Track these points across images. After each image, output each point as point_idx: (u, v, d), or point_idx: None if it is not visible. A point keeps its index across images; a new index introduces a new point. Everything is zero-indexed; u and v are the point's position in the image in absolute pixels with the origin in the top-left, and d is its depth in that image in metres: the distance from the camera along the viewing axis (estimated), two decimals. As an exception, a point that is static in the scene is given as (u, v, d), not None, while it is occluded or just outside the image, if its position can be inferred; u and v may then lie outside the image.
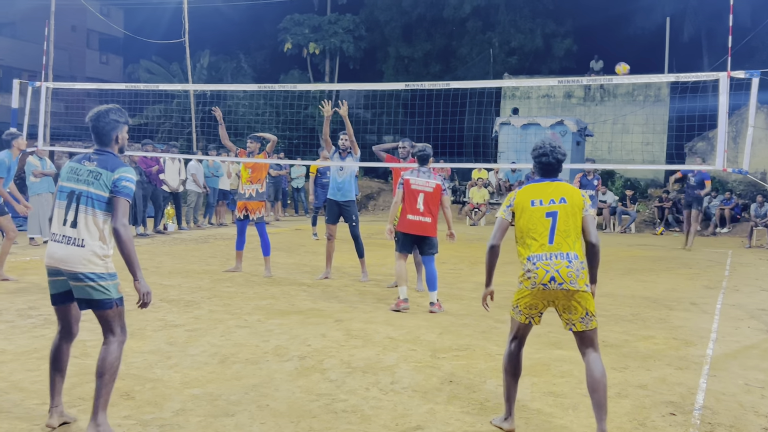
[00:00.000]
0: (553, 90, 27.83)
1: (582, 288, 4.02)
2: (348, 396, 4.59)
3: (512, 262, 11.76)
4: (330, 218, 9.53)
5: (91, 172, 3.86)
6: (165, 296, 7.75)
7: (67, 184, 3.88)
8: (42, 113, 10.60)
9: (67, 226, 3.83)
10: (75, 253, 3.79)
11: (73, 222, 3.82)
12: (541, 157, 4.32)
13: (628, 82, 24.54)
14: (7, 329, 5.99)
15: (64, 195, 3.87)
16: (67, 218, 3.83)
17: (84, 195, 3.83)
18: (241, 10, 33.87)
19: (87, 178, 3.86)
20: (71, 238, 3.81)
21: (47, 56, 16.68)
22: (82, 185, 3.85)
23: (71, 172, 3.90)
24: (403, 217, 7.57)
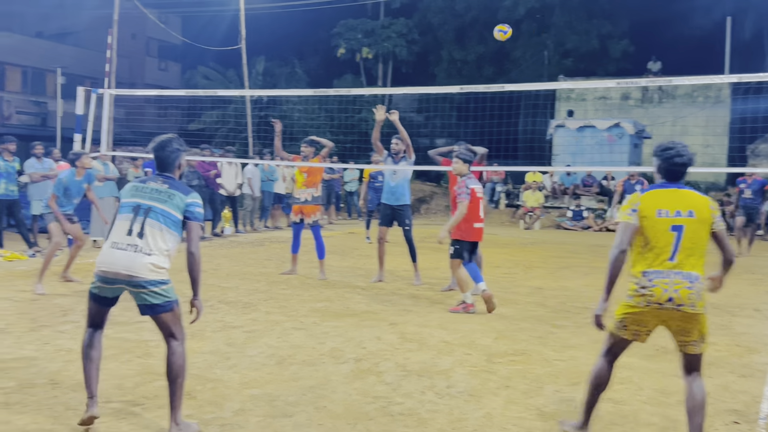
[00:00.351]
0: (609, 92, 27.39)
1: (701, 311, 3.77)
2: (404, 399, 4.61)
3: (567, 266, 11.62)
4: (383, 221, 9.58)
5: (163, 192, 4.04)
6: (223, 298, 7.89)
7: (132, 199, 4.03)
8: (105, 119, 10.90)
9: (133, 236, 3.94)
10: (140, 261, 3.91)
11: (140, 233, 3.94)
12: (674, 158, 3.90)
13: (688, 84, 23.94)
14: (73, 329, 6.18)
15: (129, 209, 4.01)
16: (132, 229, 3.95)
17: (153, 210, 3.98)
18: (296, 16, 34.24)
19: (158, 196, 4.02)
20: (137, 246, 3.93)
21: (110, 64, 17.15)
22: (150, 201, 4.00)
23: (135, 190, 4.07)
24: (469, 226, 7.61)
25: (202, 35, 31.20)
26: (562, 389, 4.90)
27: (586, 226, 20.18)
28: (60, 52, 33.86)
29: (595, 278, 10.40)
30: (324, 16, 34.38)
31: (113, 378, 4.81)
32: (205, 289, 8.40)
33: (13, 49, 32.49)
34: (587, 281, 10.08)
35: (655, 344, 6.23)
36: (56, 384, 4.65)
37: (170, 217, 4.00)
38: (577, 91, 27.90)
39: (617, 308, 4.00)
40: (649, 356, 5.84)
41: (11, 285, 8.37)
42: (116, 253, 3.93)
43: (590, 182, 21.80)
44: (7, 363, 5.08)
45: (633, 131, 22.43)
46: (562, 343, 6.22)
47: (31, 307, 7.07)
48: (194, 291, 4.10)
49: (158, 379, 4.80)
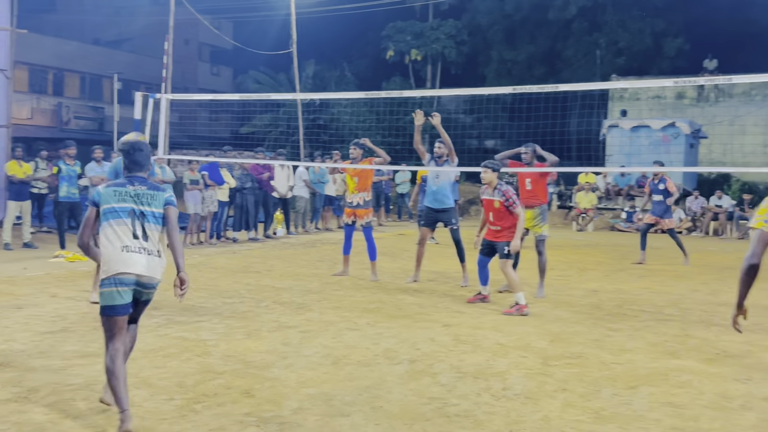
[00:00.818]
0: (663, 91, 26.86)
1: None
2: (460, 400, 4.61)
3: (623, 269, 11.46)
4: (425, 223, 9.64)
5: (147, 194, 4.25)
6: (278, 299, 8.00)
7: (123, 204, 4.17)
8: (162, 124, 11.14)
9: (140, 240, 4.13)
10: (156, 263, 4.15)
11: (144, 236, 4.15)
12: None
13: (746, 82, 23.35)
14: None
15: (125, 213, 4.15)
16: (136, 232, 4.13)
17: (148, 214, 4.20)
18: (345, 20, 34.45)
19: (144, 199, 4.23)
20: (149, 249, 4.15)
21: (167, 69, 17.52)
22: (141, 206, 4.21)
23: (121, 195, 4.20)
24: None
25: (253, 40, 31.63)
26: (620, 393, 4.83)
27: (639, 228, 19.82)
28: (116, 59, 34.71)
29: (651, 281, 10.23)
30: (373, 18, 34.49)
31: (175, 376, 4.91)
32: (259, 289, 8.55)
33: (71, 56, 33.42)
34: (643, 284, 9.92)
35: (716, 348, 6.12)
36: (120, 381, 4.77)
37: (160, 216, 4.27)
38: (630, 90, 27.44)
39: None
40: (710, 360, 5.73)
41: (74, 285, 8.61)
42: (135, 256, 4.08)
43: (645, 183, 21.41)
44: (72, 361, 5.23)
45: (689, 131, 21.96)
46: (618, 346, 6.13)
47: (94, 307, 7.26)
48: (180, 265, 4.24)
49: (218, 378, 4.90)
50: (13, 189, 12.36)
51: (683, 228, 19.41)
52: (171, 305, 7.43)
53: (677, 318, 7.50)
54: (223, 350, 5.64)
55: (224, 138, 28.01)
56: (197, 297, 7.96)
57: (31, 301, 7.45)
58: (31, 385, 4.64)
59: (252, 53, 27.48)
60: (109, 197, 4.19)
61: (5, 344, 5.66)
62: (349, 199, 9.92)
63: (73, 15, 37.95)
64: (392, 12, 33.45)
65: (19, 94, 27.84)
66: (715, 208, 19.13)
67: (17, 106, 27.40)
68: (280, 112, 28.85)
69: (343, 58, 37.16)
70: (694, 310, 7.97)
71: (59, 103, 32.29)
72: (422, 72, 34.94)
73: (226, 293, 8.27)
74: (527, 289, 8.92)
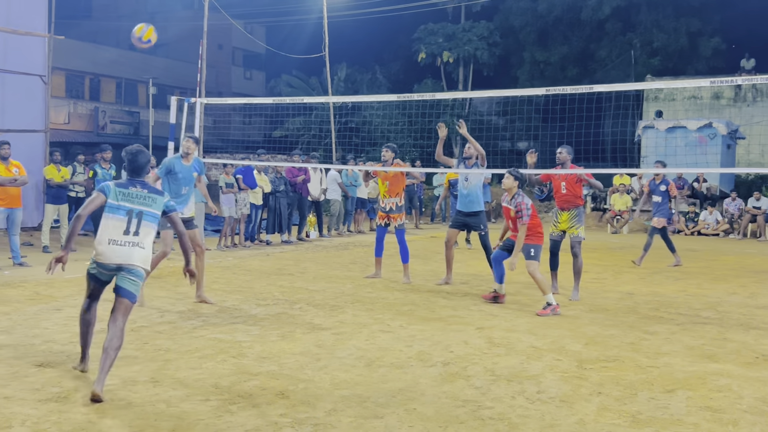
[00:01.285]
0: (700, 91, 26.46)
1: None
2: (494, 403, 4.58)
3: (659, 272, 11.32)
4: (453, 225, 9.68)
5: (147, 197, 4.96)
6: (311, 300, 8.04)
7: (124, 203, 4.87)
8: (197, 128, 11.28)
9: (130, 235, 4.84)
10: (137, 254, 4.84)
11: (136, 231, 4.86)
12: None
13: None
14: (171, 330, 6.42)
15: (123, 212, 4.85)
16: (129, 229, 4.85)
17: (145, 213, 4.90)
18: (376, 23, 34.55)
19: (144, 201, 4.93)
20: (135, 243, 4.85)
21: (201, 74, 17.71)
22: (140, 206, 4.91)
23: (123, 196, 4.90)
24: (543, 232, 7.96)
25: (286, 44, 31.88)
26: (656, 396, 4.77)
27: (676, 230, 19.56)
28: (151, 64, 35.18)
29: (688, 283, 10.09)
30: (404, 21, 34.50)
31: (210, 377, 4.97)
32: (293, 291, 8.60)
33: (107, 61, 33.99)
34: (680, 286, 9.78)
35: (755, 351, 6.01)
36: (157, 382, 4.83)
37: (156, 217, 4.99)
38: (665, 91, 27.07)
39: None
40: (749, 364, 5.63)
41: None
42: (118, 248, 4.80)
43: (681, 185, 21.11)
44: (110, 361, 5.31)
45: (726, 132, 21.60)
46: (655, 349, 6.06)
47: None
48: (187, 260, 5.25)
49: (252, 379, 4.94)
50: (51, 193, 12.61)
51: (720, 230, 19.10)
52: (207, 308, 7.52)
53: (715, 321, 7.39)
54: (257, 352, 5.69)
55: (257, 141, 28.23)
56: (232, 299, 8.03)
57: (69, 303, 7.58)
58: (70, 386, 4.72)
59: (284, 57, 27.71)
60: (115, 195, 4.88)
61: (45, 345, 5.77)
62: (382, 203, 9.94)
63: (109, 21, 38.60)
64: (424, 14, 33.43)
65: (56, 99, 28.39)
66: (753, 210, 18.79)
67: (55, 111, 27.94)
68: (312, 116, 29.02)
69: (375, 60, 37.26)
70: (732, 313, 7.84)
71: (95, 108, 32.84)
72: (454, 74, 34.87)
73: (260, 295, 8.34)
74: (562, 292, 8.86)
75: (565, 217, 8.74)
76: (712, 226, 19.27)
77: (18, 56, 14.27)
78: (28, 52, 14.49)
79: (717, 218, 19.41)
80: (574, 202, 8.74)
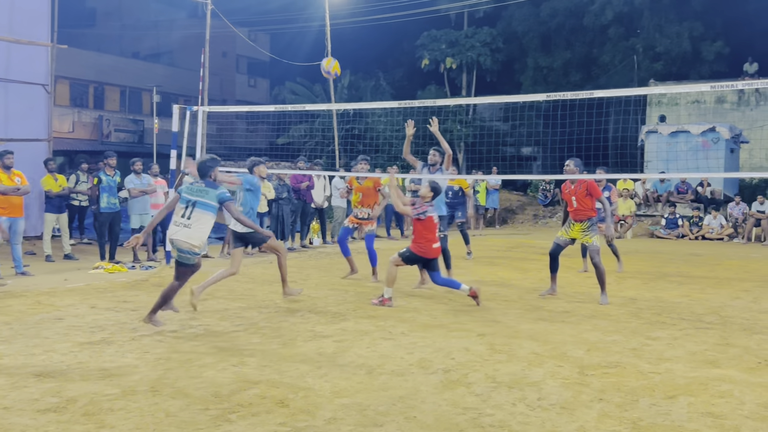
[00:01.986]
0: (703, 95, 26.44)
1: None
2: (495, 411, 4.56)
3: (662, 276, 11.28)
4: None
5: (201, 191, 6.85)
6: (313, 308, 8.03)
7: (186, 196, 6.86)
8: (199, 136, 11.30)
9: (185, 218, 6.76)
10: (185, 233, 6.72)
11: (189, 216, 6.75)
12: None
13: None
14: (172, 339, 6.42)
15: (184, 201, 6.83)
16: (185, 213, 6.77)
17: (198, 203, 6.79)
18: (379, 30, 34.64)
19: (199, 193, 6.85)
20: (186, 224, 6.73)
21: (203, 82, 17.76)
22: (195, 197, 6.83)
23: (188, 190, 6.90)
24: (427, 244, 8.27)
25: (289, 51, 31.99)
26: (658, 403, 4.75)
27: (680, 234, 19.51)
28: (155, 72, 35.35)
29: (691, 288, 10.05)
30: (407, 28, 34.60)
31: (210, 386, 4.96)
32: (294, 299, 8.59)
33: (111, 69, 34.14)
34: (683, 291, 9.74)
35: (758, 356, 5.98)
36: (157, 391, 4.83)
37: (208, 205, 6.81)
38: (669, 95, 27.05)
39: None
40: (751, 369, 5.60)
41: (113, 296, 8.75)
42: (173, 227, 6.82)
43: (685, 189, 21.09)
44: (110, 371, 5.31)
45: (729, 136, 21.57)
46: (657, 355, 6.03)
47: (132, 317, 7.38)
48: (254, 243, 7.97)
49: (253, 387, 4.93)
50: (50, 202, 12.59)
51: (724, 235, 19.05)
52: (207, 315, 7.52)
53: (718, 326, 7.35)
54: (258, 360, 5.68)
55: (261, 149, 28.32)
56: (234, 307, 8.03)
57: (71, 312, 7.58)
58: (69, 395, 4.71)
59: (288, 65, 27.79)
60: (184, 190, 6.92)
61: (45, 355, 5.77)
62: (355, 211, 10.24)
63: (112, 29, 38.76)
64: (427, 21, 33.52)
65: (60, 108, 28.52)
66: (757, 214, 18.74)
67: (59, 120, 28.06)
68: (316, 123, 29.09)
69: (378, 67, 37.33)
70: (735, 318, 7.80)
71: (100, 117, 32.98)
72: (457, 80, 34.92)
73: (262, 303, 8.33)
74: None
75: (578, 227, 8.90)
76: (716, 231, 19.21)
77: (21, 66, 14.35)
78: (31, 61, 14.57)
79: (721, 222, 19.35)
80: (587, 214, 8.81)
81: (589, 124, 16.33)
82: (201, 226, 6.71)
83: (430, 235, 8.24)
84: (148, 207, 12.41)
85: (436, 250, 8.35)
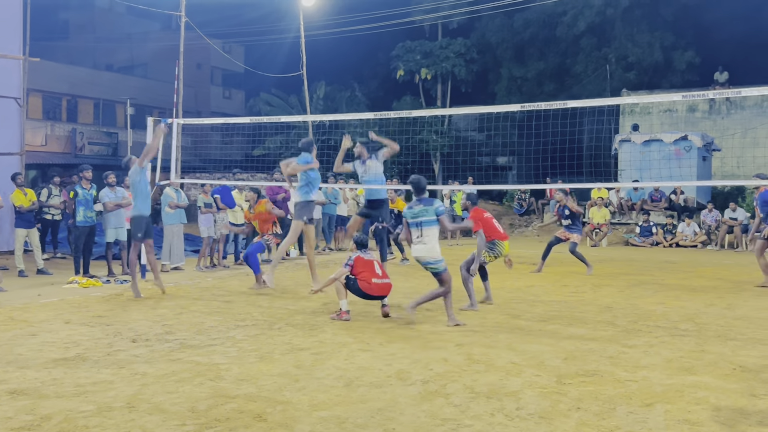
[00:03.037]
0: (675, 104, 26.81)
1: None
2: (473, 421, 4.57)
3: (638, 284, 11.36)
4: (359, 213, 10.92)
5: (422, 210, 7.71)
6: (290, 320, 7.99)
7: (412, 220, 7.77)
8: (174, 148, 11.23)
9: (420, 238, 7.71)
10: (425, 249, 7.71)
11: (421, 235, 7.70)
12: None
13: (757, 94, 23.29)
14: (147, 353, 6.35)
15: (413, 225, 7.74)
16: (420, 234, 7.71)
17: (423, 221, 7.68)
18: (354, 41, 34.74)
19: (421, 213, 7.71)
20: (423, 241, 7.68)
21: (177, 94, 17.68)
22: (419, 218, 7.69)
23: (411, 215, 7.79)
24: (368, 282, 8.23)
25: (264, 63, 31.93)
26: (635, 410, 4.78)
27: (655, 242, 19.72)
28: (128, 84, 35.08)
29: (666, 296, 10.15)
30: (382, 39, 34.73)
31: (187, 401, 4.91)
32: (272, 311, 8.55)
33: (84, 82, 33.83)
34: (658, 299, 9.84)
35: (732, 363, 6.05)
36: (133, 407, 4.77)
37: (431, 221, 7.69)
38: (641, 104, 27.37)
39: None
40: (727, 375, 5.66)
41: (88, 311, 8.65)
42: (414, 246, 7.79)
43: (658, 197, 21.32)
44: (85, 387, 5.24)
45: (701, 144, 21.87)
46: (633, 363, 6.07)
47: (107, 333, 7.29)
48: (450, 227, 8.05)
49: (230, 402, 4.89)
50: (21, 217, 12.34)
51: (698, 242, 19.28)
52: (185, 330, 7.45)
53: (693, 333, 7.43)
54: (235, 374, 5.64)
55: (237, 161, 28.18)
56: (210, 321, 7.97)
57: (45, 328, 7.48)
58: (44, 413, 4.64)
59: (263, 76, 27.75)
60: (408, 215, 7.82)
61: (19, 372, 5.68)
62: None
63: (85, 42, 38.45)
64: (401, 32, 33.68)
65: (33, 121, 28.20)
66: (730, 221, 18.99)
67: (32, 133, 27.74)
68: (291, 134, 29.02)
69: (354, 78, 37.39)
70: (710, 325, 7.89)
71: (73, 129, 32.64)
72: (432, 91, 35.09)
73: (239, 316, 8.28)
74: (568, 305, 8.85)
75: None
76: (689, 238, 19.44)
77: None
78: (3, 74, 14.41)
79: (694, 230, 19.58)
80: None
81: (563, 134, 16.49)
82: (432, 239, 7.68)
83: (367, 274, 8.15)
84: (123, 220, 12.29)
85: (377, 287, 8.18)
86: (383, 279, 8.26)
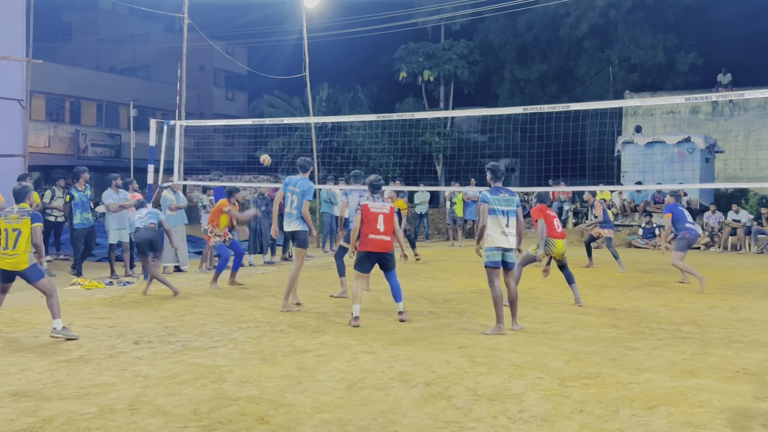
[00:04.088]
0: (678, 106, 26.79)
1: None
2: (476, 424, 4.56)
3: (640, 286, 11.34)
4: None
5: (507, 199, 7.45)
6: (293, 322, 7.99)
7: (500, 208, 7.38)
8: (177, 150, 11.24)
9: (509, 227, 7.39)
10: (514, 240, 7.45)
11: (508, 224, 7.38)
12: None
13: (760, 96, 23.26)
14: (150, 355, 6.35)
15: (501, 213, 7.37)
16: (508, 223, 7.39)
17: (509, 211, 7.42)
18: (357, 43, 34.76)
19: (507, 202, 7.43)
20: (510, 233, 7.43)
21: (180, 96, 17.68)
22: (508, 207, 7.41)
23: (500, 202, 7.40)
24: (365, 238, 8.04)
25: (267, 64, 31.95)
26: (638, 413, 4.77)
27: (657, 244, 19.67)
28: (131, 86, 35.14)
29: (669, 298, 10.13)
30: (385, 41, 34.74)
31: (189, 403, 4.91)
32: (274, 313, 8.55)
33: (87, 84, 33.88)
34: (661, 301, 9.82)
35: (735, 365, 6.03)
36: (135, 409, 4.77)
37: (515, 211, 7.46)
38: (644, 106, 27.33)
39: None
40: (730, 378, 5.65)
41: (90, 312, 8.65)
42: (504, 237, 7.39)
43: (661, 199, 21.28)
44: (87, 389, 5.24)
45: (704, 146, 21.85)
46: (636, 365, 6.06)
47: (109, 334, 7.29)
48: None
49: (232, 404, 4.88)
50: None
51: (701, 244, 19.24)
52: (187, 332, 7.45)
53: (696, 335, 7.42)
54: (237, 376, 5.63)
55: (240, 162, 28.21)
56: (213, 323, 7.97)
57: (47, 329, 7.47)
58: (46, 415, 4.64)
59: (266, 78, 27.73)
60: (495, 202, 7.37)
61: (21, 373, 5.68)
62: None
63: (88, 44, 38.50)
64: (404, 34, 33.68)
65: (36, 122, 28.26)
66: (733, 223, 18.96)
67: (35, 135, 27.79)
68: (294, 136, 29.04)
69: (356, 80, 37.42)
70: (713, 327, 7.87)
71: (76, 131, 32.70)
72: (435, 92, 35.08)
73: (242, 318, 8.28)
74: (570, 307, 8.84)
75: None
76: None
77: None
78: (6, 76, 14.40)
79: (697, 232, 19.54)
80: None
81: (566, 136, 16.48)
82: (515, 229, 7.54)
83: (364, 228, 8.01)
84: (125, 222, 12.29)
85: (374, 243, 8.00)
86: (381, 236, 7.98)
